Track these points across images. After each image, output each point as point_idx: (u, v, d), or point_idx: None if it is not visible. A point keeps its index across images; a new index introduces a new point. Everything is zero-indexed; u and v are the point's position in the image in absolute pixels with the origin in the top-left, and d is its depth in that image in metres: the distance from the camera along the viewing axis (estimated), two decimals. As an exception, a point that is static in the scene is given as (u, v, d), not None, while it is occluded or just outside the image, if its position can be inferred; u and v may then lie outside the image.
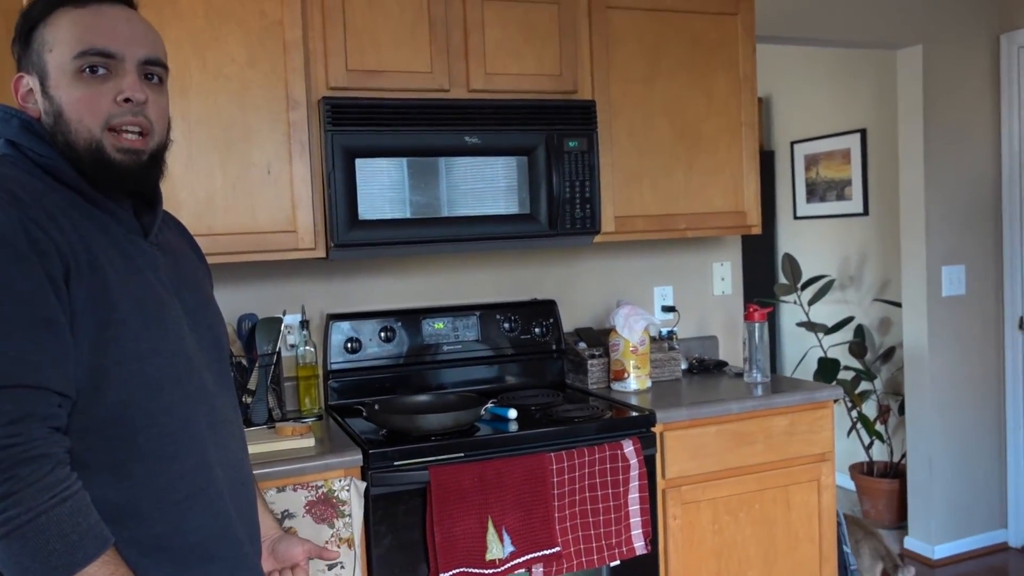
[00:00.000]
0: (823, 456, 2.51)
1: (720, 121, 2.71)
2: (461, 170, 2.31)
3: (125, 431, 1.08)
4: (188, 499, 1.13)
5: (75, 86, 1.11)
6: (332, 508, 1.96)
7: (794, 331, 4.88)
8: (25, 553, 0.97)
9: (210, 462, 1.17)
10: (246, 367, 2.31)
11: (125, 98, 1.12)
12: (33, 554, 0.97)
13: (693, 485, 2.35)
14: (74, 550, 0.99)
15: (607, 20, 2.54)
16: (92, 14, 1.12)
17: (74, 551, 0.99)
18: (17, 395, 0.98)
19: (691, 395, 2.50)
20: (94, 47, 1.11)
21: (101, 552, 1.02)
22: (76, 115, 1.11)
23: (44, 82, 1.12)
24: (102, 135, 1.11)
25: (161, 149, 1.20)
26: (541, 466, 2.08)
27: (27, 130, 1.13)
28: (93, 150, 1.11)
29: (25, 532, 0.96)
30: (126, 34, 1.13)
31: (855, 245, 4.54)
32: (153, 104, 1.16)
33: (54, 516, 0.98)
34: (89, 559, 1.00)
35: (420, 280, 2.73)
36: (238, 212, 2.17)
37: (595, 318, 2.94)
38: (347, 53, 2.26)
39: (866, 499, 4.10)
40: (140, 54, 1.14)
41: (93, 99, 1.11)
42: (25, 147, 1.12)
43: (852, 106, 4.46)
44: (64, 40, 1.11)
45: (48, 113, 1.12)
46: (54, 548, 0.98)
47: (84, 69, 1.11)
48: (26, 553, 0.97)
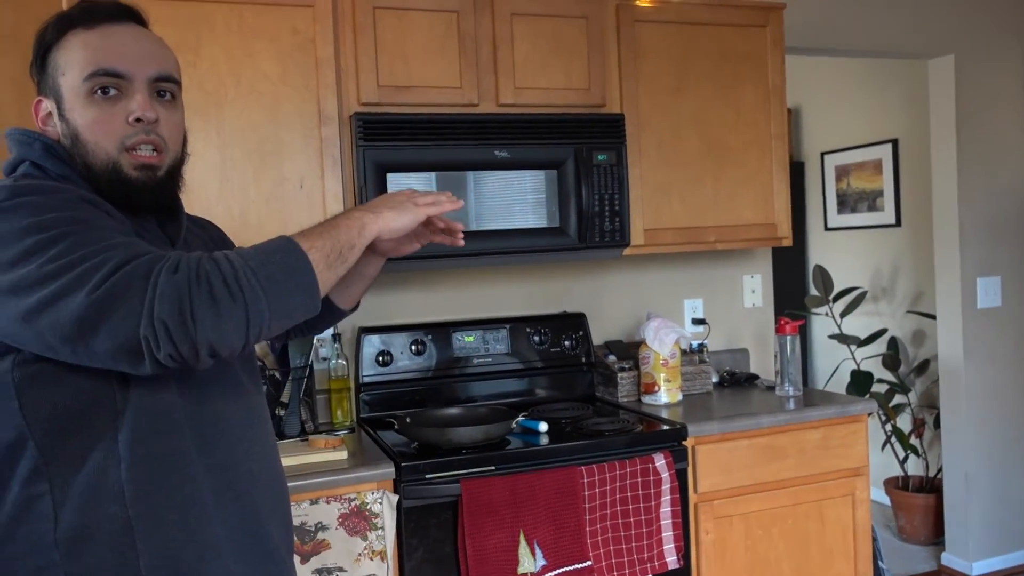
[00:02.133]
0: (857, 471, 2.48)
1: (749, 133, 2.70)
2: (490, 184, 2.33)
3: (160, 424, 1.10)
4: (216, 494, 1.15)
5: (88, 108, 1.13)
6: (365, 521, 1.96)
7: (826, 343, 4.83)
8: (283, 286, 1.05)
9: (241, 458, 1.19)
10: (279, 380, 2.33)
11: (136, 118, 1.14)
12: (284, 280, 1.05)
13: (725, 499, 2.33)
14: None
15: (635, 33, 2.55)
16: (100, 35, 1.15)
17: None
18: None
19: (722, 408, 2.48)
20: (103, 68, 1.13)
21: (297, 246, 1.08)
22: (92, 137, 1.13)
23: (60, 105, 1.15)
24: (119, 155, 1.14)
25: (177, 164, 1.22)
26: (572, 480, 2.08)
27: (49, 153, 1.15)
28: (111, 170, 1.14)
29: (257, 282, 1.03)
30: (135, 53, 1.15)
31: (887, 256, 4.48)
32: (165, 121, 1.17)
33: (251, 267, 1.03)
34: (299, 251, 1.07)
35: (450, 293, 2.74)
36: (271, 226, 2.20)
37: (625, 331, 2.93)
38: (378, 69, 2.29)
39: (901, 514, 4.03)
40: (150, 72, 1.16)
41: (106, 121, 1.13)
42: (48, 169, 1.15)
43: (883, 116, 4.42)
44: (75, 63, 1.13)
45: (66, 135, 1.15)
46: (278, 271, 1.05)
47: (95, 91, 1.13)
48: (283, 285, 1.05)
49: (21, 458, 1.07)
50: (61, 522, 1.06)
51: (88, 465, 1.07)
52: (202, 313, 0.98)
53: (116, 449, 1.07)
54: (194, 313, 0.97)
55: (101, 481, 1.07)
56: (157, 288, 0.97)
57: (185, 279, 0.98)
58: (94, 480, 1.07)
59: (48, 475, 1.06)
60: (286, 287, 1.04)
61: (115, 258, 0.99)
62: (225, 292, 0.99)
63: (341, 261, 1.13)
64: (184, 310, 0.97)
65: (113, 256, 0.99)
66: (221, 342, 1.01)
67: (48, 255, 0.98)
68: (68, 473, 1.06)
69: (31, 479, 1.07)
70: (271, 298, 1.03)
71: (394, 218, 1.21)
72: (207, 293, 0.98)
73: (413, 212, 1.23)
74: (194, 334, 0.98)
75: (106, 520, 1.07)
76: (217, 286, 0.99)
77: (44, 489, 1.07)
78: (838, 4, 3.20)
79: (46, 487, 1.06)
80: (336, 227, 1.14)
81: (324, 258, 1.10)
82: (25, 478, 1.07)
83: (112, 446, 1.07)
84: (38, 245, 0.99)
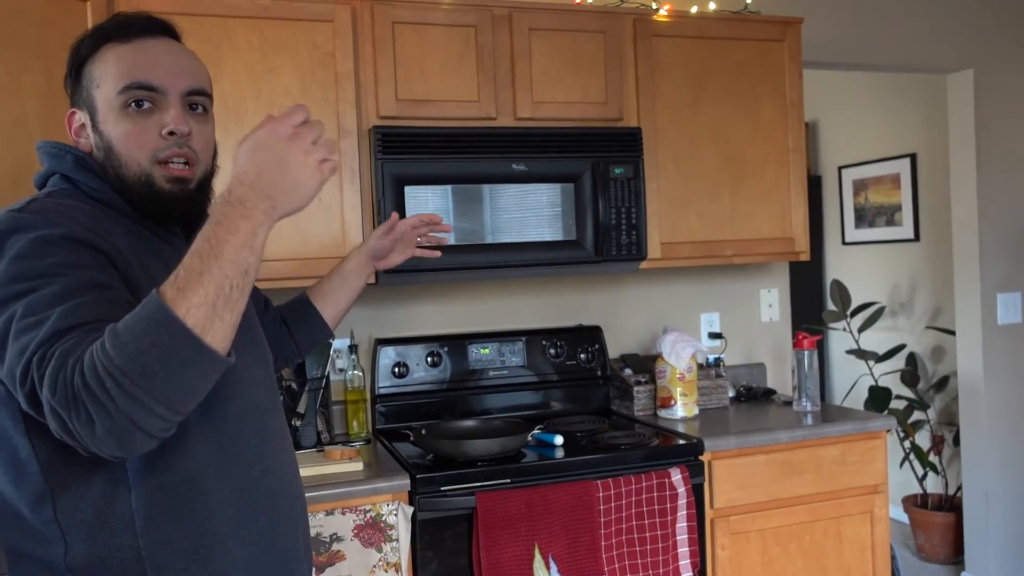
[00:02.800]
0: (876, 488, 2.46)
1: (767, 147, 2.70)
2: (506, 197, 2.34)
3: (174, 450, 1.09)
4: (235, 516, 1.14)
5: (122, 121, 1.14)
6: (380, 532, 1.97)
7: (843, 359, 4.79)
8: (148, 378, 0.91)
9: (258, 478, 1.18)
10: (296, 391, 2.34)
11: (169, 131, 1.15)
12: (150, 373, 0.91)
13: (742, 515, 2.31)
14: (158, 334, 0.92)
15: (652, 48, 2.56)
16: (135, 49, 1.16)
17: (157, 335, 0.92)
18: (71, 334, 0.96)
19: (739, 423, 2.47)
20: (137, 81, 1.14)
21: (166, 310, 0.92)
22: (126, 150, 1.14)
23: (94, 117, 1.16)
24: (151, 168, 1.15)
25: (208, 177, 1.23)
26: (588, 493, 2.07)
27: (80, 165, 1.16)
28: (143, 183, 1.15)
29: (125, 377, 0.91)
30: (168, 67, 1.16)
31: (906, 271, 4.45)
32: (198, 134, 1.19)
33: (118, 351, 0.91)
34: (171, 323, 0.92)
35: (466, 305, 2.75)
36: (290, 238, 2.22)
37: (641, 344, 2.93)
38: (397, 83, 2.31)
39: (920, 532, 3.98)
40: (183, 86, 1.17)
41: (140, 133, 1.14)
42: (79, 181, 1.16)
43: (901, 130, 4.41)
44: (110, 76, 1.15)
45: (99, 148, 1.16)
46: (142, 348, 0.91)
47: (130, 104, 1.14)
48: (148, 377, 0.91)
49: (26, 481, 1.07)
50: (71, 548, 1.06)
51: (94, 492, 1.06)
52: (88, 434, 0.92)
53: (124, 477, 1.07)
54: (80, 434, 0.93)
55: (110, 509, 1.06)
56: (47, 402, 0.93)
57: (63, 400, 0.91)
58: (102, 508, 1.06)
59: (53, 501, 1.06)
60: (169, 372, 0.91)
61: (41, 333, 0.95)
62: (101, 411, 0.90)
63: (239, 295, 0.96)
64: (70, 427, 0.93)
65: (41, 330, 0.96)
66: (119, 451, 0.95)
67: (9, 312, 0.98)
68: (74, 500, 1.06)
69: (37, 504, 1.07)
70: (156, 392, 0.91)
71: (291, 205, 1.00)
72: (85, 414, 0.91)
73: (313, 181, 1.00)
74: (89, 446, 0.94)
75: (117, 549, 1.06)
76: (92, 406, 0.90)
77: (50, 516, 1.07)
78: (856, 18, 3.20)
79: (51, 514, 1.06)
80: (219, 257, 0.94)
81: (210, 310, 0.93)
82: (32, 503, 1.07)
83: (119, 474, 1.06)
84: (6, 299, 0.99)
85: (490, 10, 2.40)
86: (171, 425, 0.96)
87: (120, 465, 1.06)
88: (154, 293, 0.94)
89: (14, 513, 1.09)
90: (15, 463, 1.07)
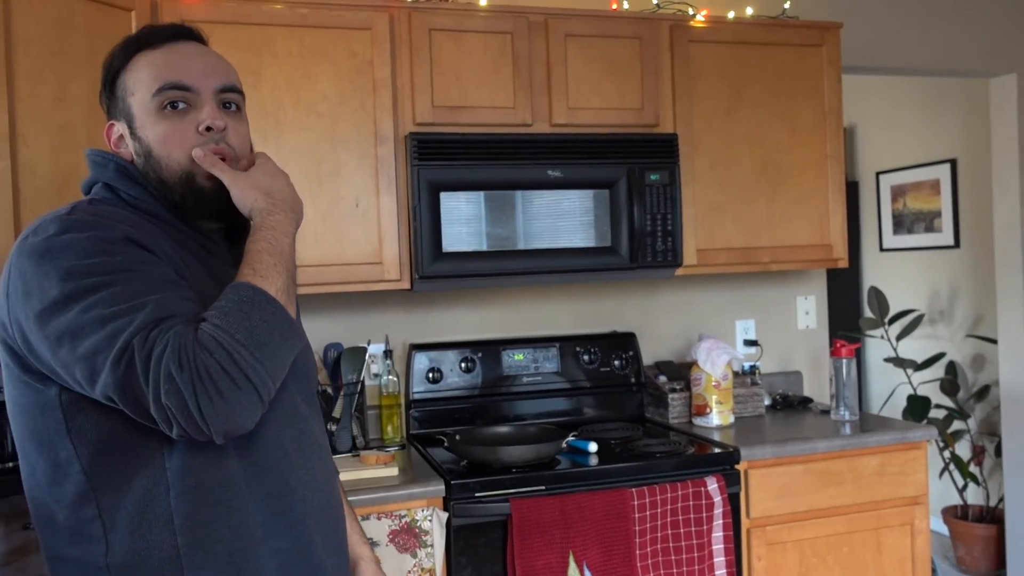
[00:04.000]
0: (916, 499, 2.41)
1: (804, 153, 2.67)
2: (540, 203, 2.34)
3: (209, 454, 1.10)
4: (267, 522, 1.14)
5: (159, 123, 1.16)
6: (415, 538, 1.97)
7: (881, 367, 4.72)
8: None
9: (293, 486, 1.18)
10: (331, 395, 2.36)
11: (206, 127, 1.17)
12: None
13: (779, 525, 2.29)
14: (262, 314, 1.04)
15: (689, 54, 2.54)
16: (165, 53, 1.18)
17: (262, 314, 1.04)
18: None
19: (776, 432, 2.44)
20: (170, 82, 1.16)
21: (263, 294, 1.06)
22: (164, 151, 1.16)
23: (131, 125, 1.18)
24: (191, 166, 1.16)
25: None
26: (622, 501, 2.06)
27: (122, 173, 1.18)
28: (184, 181, 1.16)
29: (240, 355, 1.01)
30: (199, 67, 1.19)
31: (946, 278, 4.38)
32: (233, 130, 1.20)
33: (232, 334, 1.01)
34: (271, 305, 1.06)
35: (500, 311, 2.75)
36: (327, 244, 2.24)
37: (675, 351, 2.91)
38: (433, 90, 2.32)
39: (960, 545, 3.91)
40: (215, 83, 1.19)
41: (177, 132, 1.16)
42: (120, 190, 1.18)
43: (941, 135, 4.33)
44: (143, 81, 1.17)
45: (139, 153, 1.18)
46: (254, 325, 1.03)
47: (165, 105, 1.16)
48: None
49: (68, 482, 1.08)
50: (112, 547, 1.08)
51: (135, 490, 1.07)
52: (211, 410, 0.99)
53: (164, 475, 1.08)
54: (203, 410, 0.98)
55: (150, 507, 1.08)
56: (161, 381, 0.98)
57: (188, 380, 0.98)
58: (143, 506, 1.07)
59: (96, 499, 1.08)
60: (275, 345, 1.04)
61: (139, 319, 1.00)
62: (229, 383, 0.99)
63: (294, 289, 1.13)
64: (191, 408, 0.98)
65: (138, 316, 1.01)
66: (236, 427, 1.03)
67: (84, 304, 1.01)
68: (115, 498, 1.07)
69: (79, 503, 1.08)
70: (268, 364, 1.03)
71: (300, 210, 1.21)
72: (213, 389, 0.98)
73: (295, 193, 1.22)
74: (204, 426, 0.99)
75: (156, 547, 1.07)
76: (221, 380, 0.99)
77: (93, 514, 1.08)
78: (897, 22, 3.16)
79: (94, 512, 1.08)
80: (282, 253, 1.11)
81: (286, 292, 1.09)
82: (73, 502, 1.09)
83: (160, 472, 1.08)
84: (78, 291, 1.02)
85: (526, 17, 2.40)
86: (267, 404, 1.06)
87: (160, 464, 1.08)
88: (241, 282, 1.06)
89: (56, 515, 1.11)
90: (55, 464, 1.09)
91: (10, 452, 1.97)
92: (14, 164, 1.75)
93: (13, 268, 1.06)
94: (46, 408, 1.08)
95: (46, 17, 1.83)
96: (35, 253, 1.04)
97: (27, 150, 1.78)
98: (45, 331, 1.03)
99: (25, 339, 1.05)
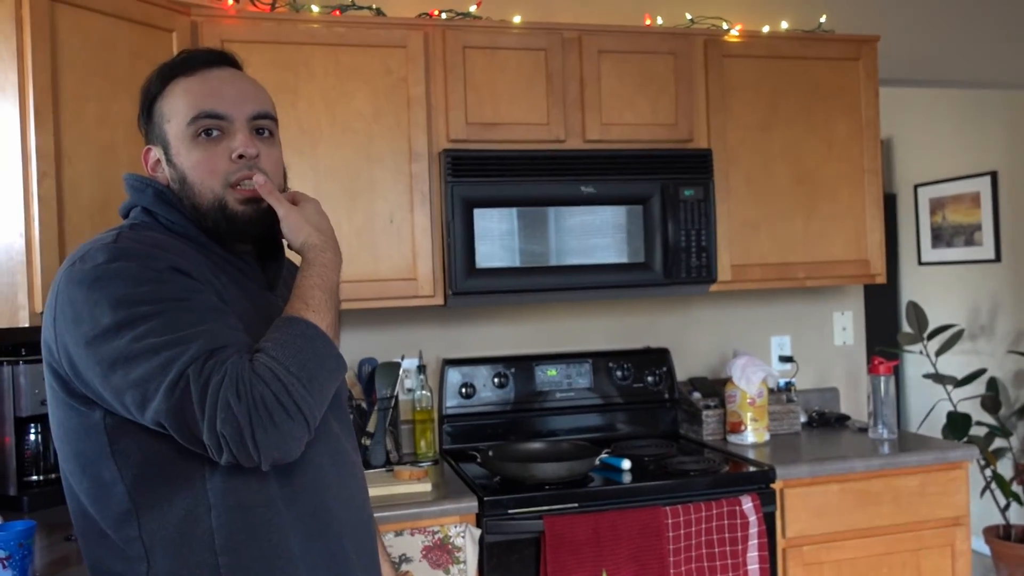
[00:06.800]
0: (957, 520, 2.37)
1: (841, 167, 2.64)
2: (573, 219, 2.34)
3: (249, 475, 1.11)
4: (305, 541, 1.16)
5: (193, 150, 1.18)
6: (448, 554, 1.98)
7: (920, 383, 4.64)
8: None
9: (330, 505, 1.19)
10: (365, 410, 2.37)
11: (239, 155, 1.19)
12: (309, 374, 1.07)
13: (815, 545, 2.25)
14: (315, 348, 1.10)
15: (724, 69, 2.53)
16: (200, 80, 1.21)
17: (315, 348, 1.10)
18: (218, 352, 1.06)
19: (811, 450, 2.41)
20: (204, 111, 1.18)
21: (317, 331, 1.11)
22: (198, 178, 1.18)
23: (167, 151, 1.21)
24: (224, 192, 1.18)
25: None
26: (656, 520, 2.04)
27: (160, 199, 1.21)
28: (217, 207, 1.18)
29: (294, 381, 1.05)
30: (233, 94, 1.21)
31: (986, 293, 4.29)
32: (266, 156, 1.22)
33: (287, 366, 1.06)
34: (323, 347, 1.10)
35: (533, 327, 2.75)
36: (362, 260, 2.26)
37: (710, 367, 2.89)
38: (467, 106, 2.33)
39: (1003, 566, 3.81)
40: (248, 111, 1.21)
41: (211, 160, 1.18)
42: (159, 215, 1.21)
43: (981, 147, 4.26)
44: (179, 109, 1.19)
45: (174, 180, 1.20)
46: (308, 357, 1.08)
47: (199, 134, 1.18)
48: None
49: (111, 502, 1.10)
50: (154, 566, 1.09)
51: (177, 510, 1.09)
52: (264, 438, 1.02)
53: (206, 496, 1.10)
54: (256, 438, 1.02)
55: (192, 527, 1.09)
56: (217, 409, 1.01)
57: (245, 410, 1.01)
58: (184, 526, 1.09)
59: (138, 519, 1.09)
60: (323, 378, 1.09)
61: (193, 348, 1.03)
62: (283, 413, 1.03)
63: (339, 318, 1.20)
64: (245, 436, 1.02)
65: (192, 345, 1.03)
66: (286, 455, 1.07)
67: (137, 332, 1.03)
68: (157, 518, 1.09)
69: (121, 522, 1.10)
70: (317, 397, 1.08)
71: (339, 249, 1.25)
72: (267, 419, 1.02)
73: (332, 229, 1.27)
74: (256, 454, 1.03)
75: (197, 566, 1.09)
76: (275, 411, 1.03)
77: (135, 533, 1.10)
78: (935, 34, 3.12)
79: (136, 531, 1.10)
80: (333, 290, 1.17)
81: (334, 327, 1.15)
82: (116, 521, 1.10)
83: (201, 493, 1.09)
84: (130, 319, 1.04)
85: (560, 33, 2.41)
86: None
87: (202, 484, 1.09)
88: (296, 316, 1.11)
89: (99, 532, 1.13)
90: (99, 484, 1.11)
91: (52, 464, 2.01)
92: (59, 183, 1.80)
93: (61, 295, 1.08)
94: (90, 430, 1.10)
95: (91, 40, 1.88)
96: (85, 280, 1.06)
97: (71, 170, 1.83)
98: (96, 357, 1.05)
99: (72, 364, 1.08)
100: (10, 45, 1.74)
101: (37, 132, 1.75)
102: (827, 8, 2.93)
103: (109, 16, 1.91)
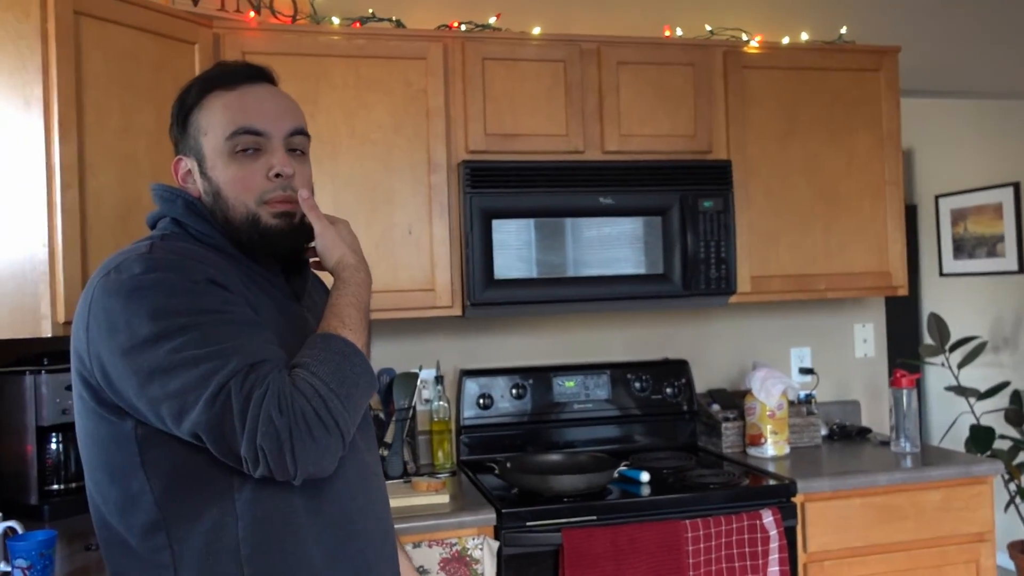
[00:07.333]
0: (981, 536, 2.33)
1: (862, 179, 2.62)
2: (591, 230, 2.33)
3: (276, 487, 1.11)
4: (330, 552, 1.16)
5: (230, 166, 1.19)
6: (465, 567, 1.97)
7: (941, 395, 4.58)
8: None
9: (353, 516, 1.19)
10: (383, 421, 2.37)
11: (276, 173, 1.20)
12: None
13: (837, 560, 2.23)
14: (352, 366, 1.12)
15: (743, 80, 2.52)
16: (240, 96, 1.21)
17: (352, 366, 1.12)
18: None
19: (833, 464, 2.39)
20: (243, 127, 1.19)
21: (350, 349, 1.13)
22: (233, 193, 1.19)
23: (201, 164, 1.21)
24: (258, 208, 1.19)
25: None
26: (676, 534, 2.03)
27: (190, 210, 1.22)
28: (250, 222, 1.19)
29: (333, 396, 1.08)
30: (271, 111, 1.21)
31: (1009, 304, 4.24)
32: (299, 175, 1.23)
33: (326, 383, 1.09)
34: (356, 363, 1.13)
35: (551, 338, 2.75)
36: (380, 271, 2.26)
37: (729, 379, 2.87)
38: (486, 118, 2.34)
39: (1027, 582, 3.75)
40: (285, 128, 1.22)
41: (247, 177, 1.19)
42: (189, 225, 1.21)
43: (1003, 158, 4.22)
44: (217, 124, 1.20)
45: (207, 192, 1.21)
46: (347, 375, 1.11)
47: (237, 149, 1.19)
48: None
49: (139, 512, 1.11)
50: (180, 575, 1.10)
51: (205, 521, 1.10)
52: (303, 452, 1.04)
53: (234, 507, 1.10)
54: (295, 452, 1.04)
55: (219, 538, 1.10)
56: (259, 423, 1.03)
57: (286, 424, 1.03)
58: (211, 536, 1.09)
59: (166, 529, 1.10)
60: (359, 395, 1.12)
61: (233, 362, 1.04)
62: (322, 428, 1.06)
63: (370, 338, 1.22)
64: (285, 450, 1.03)
65: (232, 359, 1.05)
66: (322, 470, 1.09)
67: (175, 343, 1.04)
68: (185, 528, 1.10)
69: (149, 532, 1.11)
70: (352, 411, 1.10)
71: (368, 267, 1.28)
72: (307, 433, 1.04)
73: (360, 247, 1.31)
74: (293, 468, 1.05)
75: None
76: (315, 425, 1.05)
77: (163, 543, 1.10)
78: (957, 45, 3.09)
79: (164, 541, 1.10)
80: (364, 305, 1.20)
81: (367, 346, 1.18)
82: (143, 531, 1.11)
83: (229, 504, 1.10)
84: (168, 330, 1.05)
85: (579, 45, 2.41)
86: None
87: (230, 496, 1.10)
88: (333, 333, 1.14)
89: (123, 543, 1.13)
90: (127, 494, 1.11)
91: (73, 473, 2.02)
92: (82, 193, 1.81)
93: (95, 304, 1.09)
94: (121, 440, 1.11)
95: (114, 52, 1.89)
96: (122, 291, 1.07)
97: (95, 180, 1.84)
98: (132, 368, 1.05)
99: (105, 374, 1.08)
100: (36, 59, 1.76)
101: (61, 144, 1.77)
102: (847, 19, 2.92)
103: (132, 29, 1.93)
